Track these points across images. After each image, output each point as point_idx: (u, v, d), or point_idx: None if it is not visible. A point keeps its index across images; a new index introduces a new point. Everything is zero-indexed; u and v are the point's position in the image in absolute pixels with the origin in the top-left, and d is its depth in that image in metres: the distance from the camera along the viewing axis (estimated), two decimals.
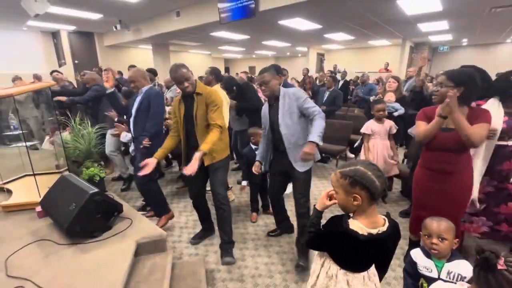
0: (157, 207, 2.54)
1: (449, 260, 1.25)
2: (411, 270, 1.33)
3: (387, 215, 1.03)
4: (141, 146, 2.30)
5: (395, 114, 3.27)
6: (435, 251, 1.24)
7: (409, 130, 2.75)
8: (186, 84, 1.90)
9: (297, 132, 1.91)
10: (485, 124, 1.54)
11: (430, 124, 1.65)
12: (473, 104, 1.75)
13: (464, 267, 1.21)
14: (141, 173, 1.87)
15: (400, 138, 3.52)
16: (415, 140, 1.82)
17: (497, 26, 7.93)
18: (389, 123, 2.80)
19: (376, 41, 11.27)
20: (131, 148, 2.76)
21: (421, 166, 1.82)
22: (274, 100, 1.97)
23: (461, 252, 1.59)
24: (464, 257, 1.27)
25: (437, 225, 1.27)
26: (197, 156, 1.73)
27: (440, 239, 1.24)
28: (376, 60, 12.09)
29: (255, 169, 2.14)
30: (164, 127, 2.93)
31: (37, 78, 5.73)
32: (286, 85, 3.03)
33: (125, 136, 2.72)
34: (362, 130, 2.86)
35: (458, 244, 1.33)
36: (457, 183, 1.66)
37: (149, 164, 1.91)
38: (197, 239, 2.38)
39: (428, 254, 1.29)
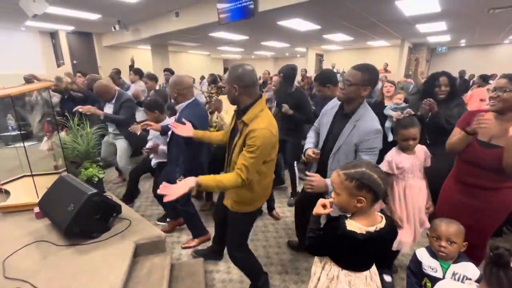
0: (194, 228, 2.33)
1: (455, 262, 1.23)
2: (415, 269, 1.32)
3: (382, 212, 1.03)
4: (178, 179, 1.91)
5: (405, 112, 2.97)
6: (443, 254, 1.22)
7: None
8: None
9: None
10: None
11: (455, 138, 1.48)
12: None
13: (470, 269, 1.19)
14: (179, 131, 1.62)
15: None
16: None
17: (495, 27, 7.97)
18: (422, 151, 1.74)
19: (375, 42, 11.30)
20: (153, 161, 2.59)
21: (453, 177, 1.65)
22: (349, 109, 1.53)
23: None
24: (470, 260, 1.25)
25: (446, 227, 1.23)
26: (188, 183, 1.24)
27: (449, 242, 1.21)
28: (375, 61, 12.04)
29: (311, 152, 1.65)
30: None
31: (27, 80, 5.59)
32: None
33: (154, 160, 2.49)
34: (383, 168, 1.67)
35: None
36: (493, 200, 1.47)
37: (185, 128, 1.59)
38: (198, 254, 2.17)
39: (434, 254, 1.28)
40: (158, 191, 1.21)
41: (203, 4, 6.11)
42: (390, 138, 2.90)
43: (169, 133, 2.18)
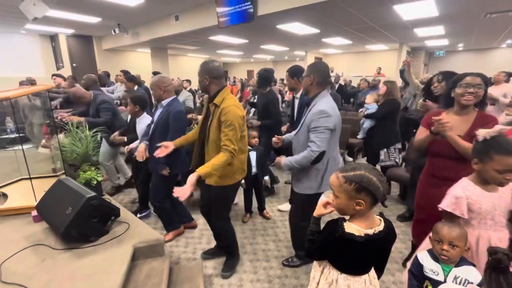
0: (167, 223, 2.46)
1: (457, 265, 1.22)
2: (416, 272, 1.31)
3: (381, 215, 1.03)
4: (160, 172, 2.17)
5: (366, 112, 3.34)
6: (445, 258, 1.21)
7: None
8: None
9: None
10: None
11: (423, 137, 1.66)
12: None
13: (472, 273, 1.18)
14: (157, 154, 1.82)
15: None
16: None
17: (492, 31, 8.04)
18: (509, 187, 1.25)
19: (373, 46, 11.38)
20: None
21: (426, 172, 1.79)
22: (310, 98, 1.77)
23: None
24: (473, 264, 1.23)
25: (449, 231, 1.22)
26: (191, 180, 1.50)
27: (451, 245, 1.20)
28: (373, 65, 12.16)
29: (274, 140, 1.99)
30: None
31: (30, 82, 5.68)
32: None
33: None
34: (447, 207, 1.28)
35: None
36: None
37: (166, 148, 1.81)
38: (208, 255, 2.23)
39: (435, 257, 1.27)
40: (175, 195, 1.47)
41: (203, 8, 6.14)
42: (360, 135, 3.48)
43: (151, 129, 2.29)
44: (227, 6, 5.54)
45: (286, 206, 2.97)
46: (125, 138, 2.91)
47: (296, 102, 2.80)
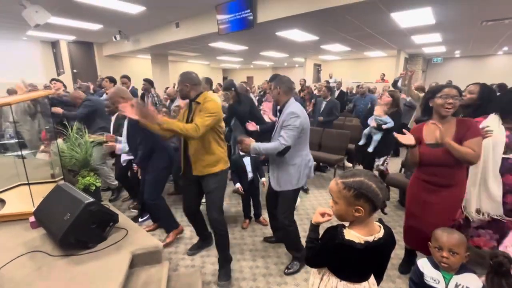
0: (166, 223, 2.49)
1: (457, 273, 1.21)
2: (417, 280, 1.31)
3: (380, 221, 1.03)
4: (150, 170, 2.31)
5: (384, 126, 3.15)
6: (445, 265, 1.21)
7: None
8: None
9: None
10: (478, 139, 1.57)
11: (409, 154, 1.77)
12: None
13: (473, 281, 1.18)
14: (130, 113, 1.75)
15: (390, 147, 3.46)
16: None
17: (489, 38, 8.15)
18: None
19: (371, 52, 11.50)
20: (123, 158, 2.75)
21: (415, 177, 1.84)
22: (281, 106, 2.00)
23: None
24: (473, 271, 1.23)
25: (448, 238, 1.23)
26: (154, 118, 1.61)
27: (451, 252, 1.20)
28: (372, 71, 12.32)
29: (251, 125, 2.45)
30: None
31: (33, 88, 5.74)
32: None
33: (119, 150, 2.65)
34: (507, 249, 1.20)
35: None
36: (448, 196, 1.68)
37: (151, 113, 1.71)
38: (194, 250, 2.35)
39: (436, 265, 1.27)
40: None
41: (203, 15, 6.22)
42: (361, 142, 3.38)
43: (125, 132, 2.38)
44: (227, 13, 5.61)
45: None
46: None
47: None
